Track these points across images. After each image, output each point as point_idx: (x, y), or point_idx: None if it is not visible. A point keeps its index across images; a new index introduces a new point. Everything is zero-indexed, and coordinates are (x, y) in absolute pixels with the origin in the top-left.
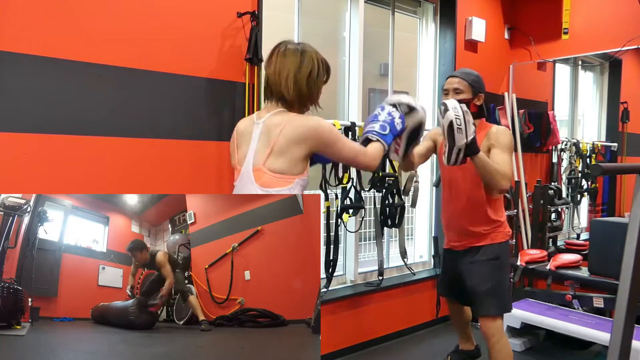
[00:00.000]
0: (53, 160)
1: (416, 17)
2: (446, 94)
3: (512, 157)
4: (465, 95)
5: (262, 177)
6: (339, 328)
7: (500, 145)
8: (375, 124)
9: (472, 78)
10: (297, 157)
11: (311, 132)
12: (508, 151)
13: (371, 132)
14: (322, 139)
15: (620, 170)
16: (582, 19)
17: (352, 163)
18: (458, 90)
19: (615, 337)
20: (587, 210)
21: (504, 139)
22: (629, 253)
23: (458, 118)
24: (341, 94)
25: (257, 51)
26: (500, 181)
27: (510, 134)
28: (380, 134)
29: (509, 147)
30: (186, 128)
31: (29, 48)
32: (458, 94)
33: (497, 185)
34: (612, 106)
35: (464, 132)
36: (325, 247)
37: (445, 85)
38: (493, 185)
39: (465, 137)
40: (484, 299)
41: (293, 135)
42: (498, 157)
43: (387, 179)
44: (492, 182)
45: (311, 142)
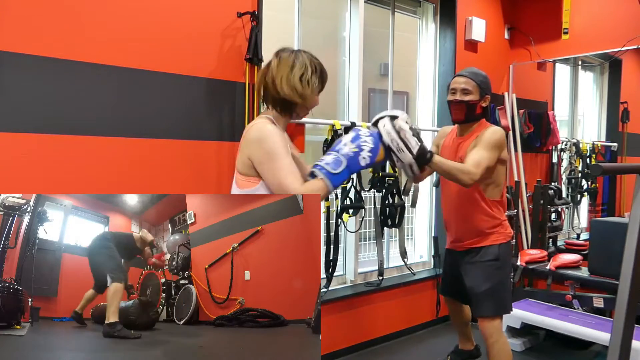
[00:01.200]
0: (53, 160)
1: (416, 17)
2: (453, 93)
3: (493, 153)
4: (473, 97)
5: (237, 178)
6: (339, 328)
7: (481, 142)
8: (329, 156)
9: (480, 79)
10: (246, 162)
11: (251, 140)
12: (485, 147)
13: (317, 166)
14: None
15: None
16: (582, 19)
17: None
18: (466, 91)
19: (615, 337)
20: (587, 210)
21: (487, 137)
22: (629, 253)
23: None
24: (341, 94)
25: (257, 51)
26: (461, 177)
27: (499, 133)
28: (328, 172)
29: (487, 144)
30: (186, 128)
31: (29, 48)
32: (466, 95)
33: (461, 182)
34: (612, 106)
35: (405, 150)
36: (325, 247)
37: (453, 84)
38: (457, 182)
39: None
40: (482, 299)
41: (245, 141)
42: (471, 154)
43: (387, 179)
44: (457, 181)
45: (248, 151)
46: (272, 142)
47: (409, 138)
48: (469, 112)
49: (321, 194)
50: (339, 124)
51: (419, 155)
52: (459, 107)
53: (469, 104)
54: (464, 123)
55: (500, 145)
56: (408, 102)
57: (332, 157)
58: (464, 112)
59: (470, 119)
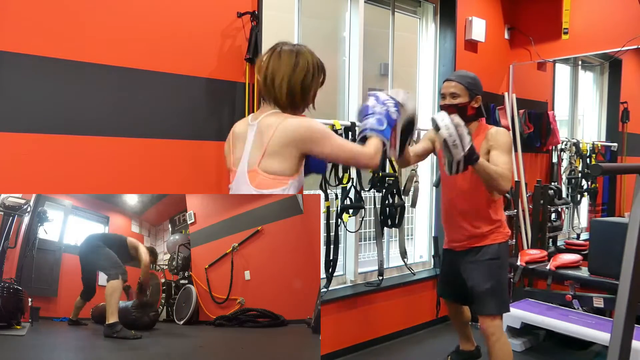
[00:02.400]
0: (53, 160)
1: (416, 17)
2: (443, 97)
3: (511, 157)
4: (462, 100)
5: (256, 178)
6: (339, 328)
7: (500, 146)
8: (371, 119)
9: (467, 81)
10: (289, 159)
11: (302, 133)
12: (507, 152)
13: (367, 129)
14: (313, 139)
15: (620, 170)
16: (582, 19)
17: (352, 163)
18: (455, 95)
19: (615, 337)
20: (587, 210)
21: (503, 140)
22: (629, 253)
23: (451, 135)
24: (341, 94)
25: (257, 51)
26: (502, 183)
27: (509, 135)
28: (378, 130)
29: (508, 148)
30: (186, 128)
31: (29, 48)
32: (455, 98)
33: (498, 187)
34: (612, 106)
35: (459, 146)
36: (325, 247)
37: (442, 90)
38: (494, 187)
39: (462, 150)
40: (483, 298)
41: (285, 137)
42: (498, 159)
43: (387, 179)
44: (494, 185)
45: (302, 143)
46: (319, 126)
47: (464, 135)
48: (459, 114)
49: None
50: (339, 124)
51: (469, 154)
52: (450, 110)
53: (459, 107)
54: None
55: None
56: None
57: (374, 119)
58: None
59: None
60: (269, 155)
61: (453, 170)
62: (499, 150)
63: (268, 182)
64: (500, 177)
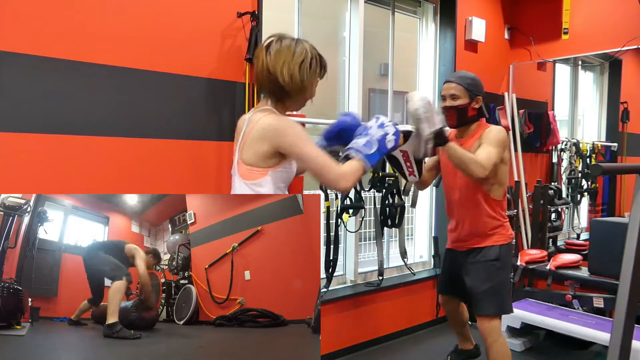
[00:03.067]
0: (53, 160)
1: (416, 17)
2: (443, 99)
3: (499, 151)
4: (462, 101)
5: (240, 168)
6: (339, 328)
7: (488, 140)
8: (360, 139)
9: (467, 82)
10: (262, 153)
11: (272, 132)
12: (493, 144)
13: (352, 148)
14: (282, 135)
15: (620, 170)
16: (582, 19)
17: (318, 176)
18: (455, 96)
19: (615, 337)
20: (587, 210)
21: (492, 135)
22: (629, 253)
23: (422, 107)
24: (341, 94)
25: None
26: (474, 169)
27: (502, 132)
28: (363, 152)
29: (495, 141)
30: (186, 128)
31: (29, 48)
32: (455, 100)
33: (471, 173)
34: (612, 106)
35: (429, 122)
36: (325, 247)
37: (442, 91)
38: (468, 173)
39: (431, 127)
40: (482, 298)
41: (257, 133)
42: (480, 150)
43: (387, 179)
44: (467, 171)
45: (271, 141)
46: (294, 129)
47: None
48: (460, 116)
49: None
50: None
51: (438, 132)
52: (450, 112)
53: (459, 109)
54: (458, 127)
55: (506, 144)
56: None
57: (363, 141)
58: (456, 116)
59: (464, 122)
60: (247, 146)
61: (421, 151)
62: (485, 144)
63: (247, 173)
64: (472, 162)
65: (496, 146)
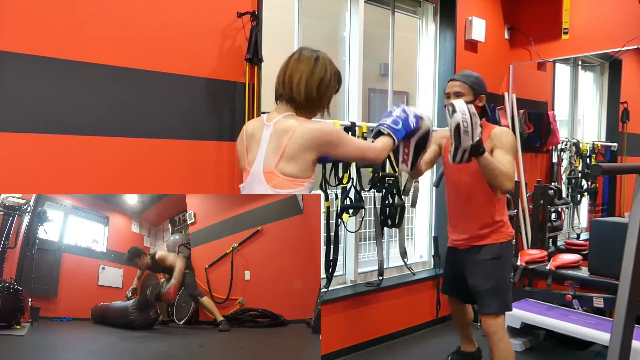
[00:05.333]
0: (53, 160)
1: (416, 17)
2: (447, 97)
3: (514, 158)
4: (467, 98)
5: (273, 179)
6: (339, 328)
7: (504, 146)
8: (387, 118)
9: (472, 80)
10: (307, 162)
11: (320, 137)
12: (511, 152)
13: (382, 124)
14: (331, 143)
15: (620, 170)
16: (582, 19)
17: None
18: (459, 94)
19: (615, 337)
20: (587, 210)
21: (507, 140)
22: (629, 253)
23: (465, 120)
24: (341, 94)
25: (257, 51)
26: (504, 182)
27: (513, 135)
28: (392, 128)
29: (512, 149)
30: (186, 128)
31: (29, 48)
32: (459, 97)
33: (500, 186)
34: (612, 106)
35: (470, 134)
36: (325, 247)
37: (447, 89)
38: (496, 185)
39: (472, 139)
40: (485, 297)
41: (303, 141)
42: (502, 158)
43: (387, 179)
44: (496, 183)
45: (320, 147)
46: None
47: (477, 125)
48: None
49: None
50: (338, 124)
51: (477, 143)
52: None
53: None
54: None
55: (516, 147)
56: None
57: (391, 119)
58: None
59: None
60: (287, 158)
61: (457, 158)
62: (503, 150)
63: (285, 184)
64: (503, 175)
65: (513, 153)
